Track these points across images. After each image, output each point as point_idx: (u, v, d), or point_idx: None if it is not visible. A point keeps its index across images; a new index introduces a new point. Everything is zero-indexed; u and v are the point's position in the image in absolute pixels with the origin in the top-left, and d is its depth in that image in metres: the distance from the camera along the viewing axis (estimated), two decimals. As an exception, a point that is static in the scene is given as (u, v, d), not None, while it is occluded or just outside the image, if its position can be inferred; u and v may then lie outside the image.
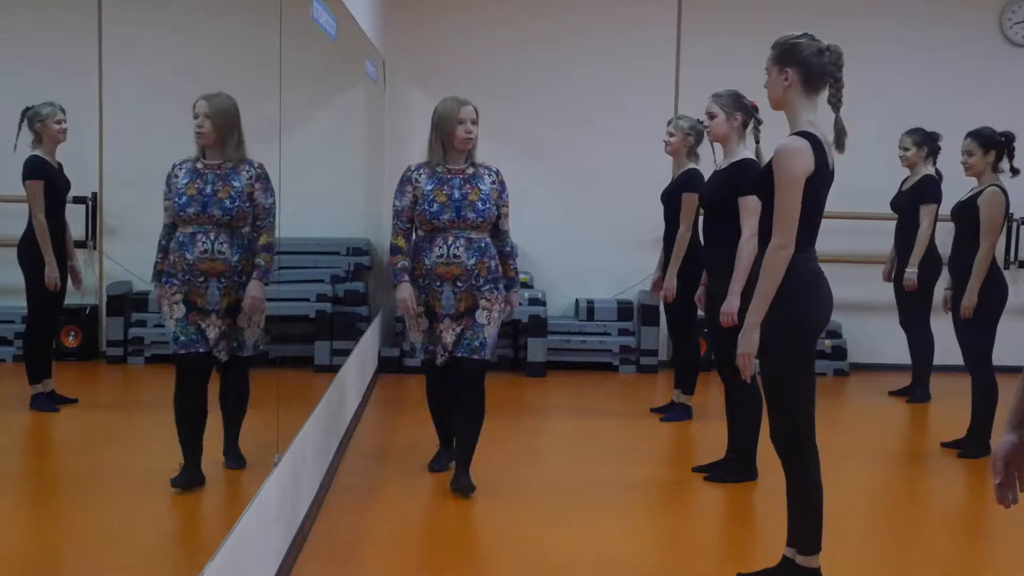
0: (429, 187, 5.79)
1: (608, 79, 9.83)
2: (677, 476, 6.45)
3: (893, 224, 8.66)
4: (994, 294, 6.77)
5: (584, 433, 7.51)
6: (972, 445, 6.94)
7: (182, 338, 4.88)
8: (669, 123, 7.67)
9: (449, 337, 5.87)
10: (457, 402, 6.07)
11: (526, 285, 9.49)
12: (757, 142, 6.20)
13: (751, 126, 6.20)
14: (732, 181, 6.07)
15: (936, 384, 8.58)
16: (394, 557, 4.98)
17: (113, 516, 5.42)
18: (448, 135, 5.81)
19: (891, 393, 8.82)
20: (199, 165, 4.87)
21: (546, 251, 9.94)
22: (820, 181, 4.31)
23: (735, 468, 6.25)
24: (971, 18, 9.98)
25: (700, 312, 6.99)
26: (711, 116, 6.21)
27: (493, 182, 5.93)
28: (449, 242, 5.76)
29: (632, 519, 5.68)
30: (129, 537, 5.03)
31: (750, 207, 5.88)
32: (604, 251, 9.88)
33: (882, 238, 8.96)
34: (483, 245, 5.83)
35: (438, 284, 5.79)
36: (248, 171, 4.85)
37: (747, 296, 5.79)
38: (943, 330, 7.83)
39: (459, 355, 5.87)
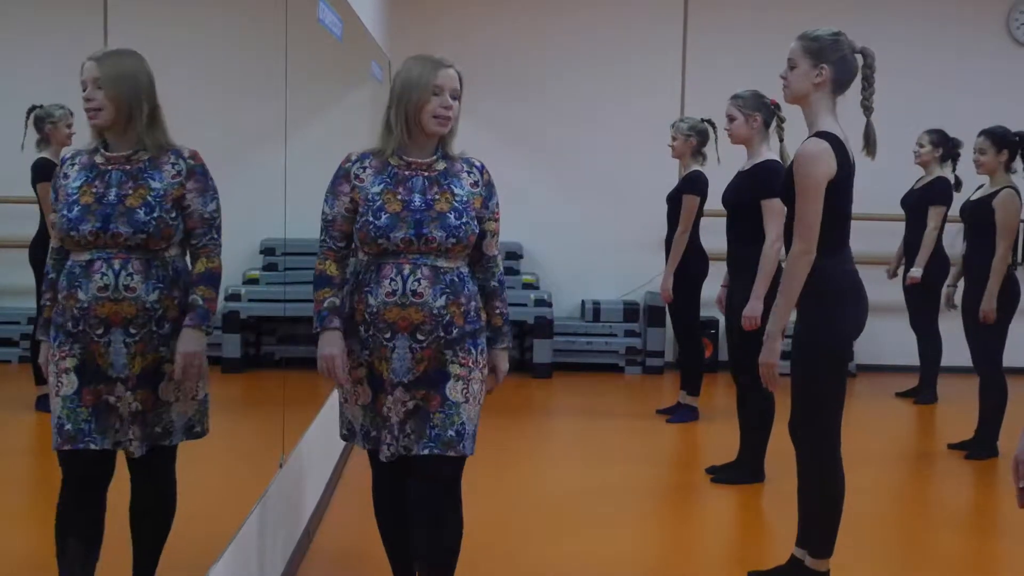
0: (376, 188, 3.80)
1: (614, 79, 9.82)
2: (685, 478, 6.44)
3: (898, 225, 8.65)
4: (1007, 295, 6.75)
5: (591, 435, 7.50)
6: (979, 446, 6.92)
7: (68, 426, 3.37)
8: (671, 127, 7.65)
9: (397, 416, 3.80)
10: (419, 519, 3.94)
11: (532, 286, 9.49)
12: (781, 141, 6.13)
13: (774, 125, 6.16)
14: (754, 183, 6.03)
15: (943, 385, 8.57)
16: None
17: (116, 516, 5.42)
18: (416, 110, 3.85)
19: (898, 394, 8.80)
20: (98, 159, 3.52)
21: (552, 252, 9.94)
22: (845, 182, 4.25)
23: (743, 470, 6.24)
24: (978, 18, 9.97)
25: (720, 313, 6.92)
26: (731, 119, 6.17)
27: (475, 183, 3.95)
28: (406, 273, 3.74)
29: (640, 522, 5.67)
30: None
31: (774, 210, 5.85)
32: (610, 252, 9.87)
33: (890, 239, 8.94)
34: (457, 279, 3.80)
35: (388, 336, 3.75)
36: (174, 164, 3.53)
37: (770, 301, 5.83)
38: (951, 331, 7.82)
39: (421, 452, 3.78)
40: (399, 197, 3.80)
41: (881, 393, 8.94)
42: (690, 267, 7.41)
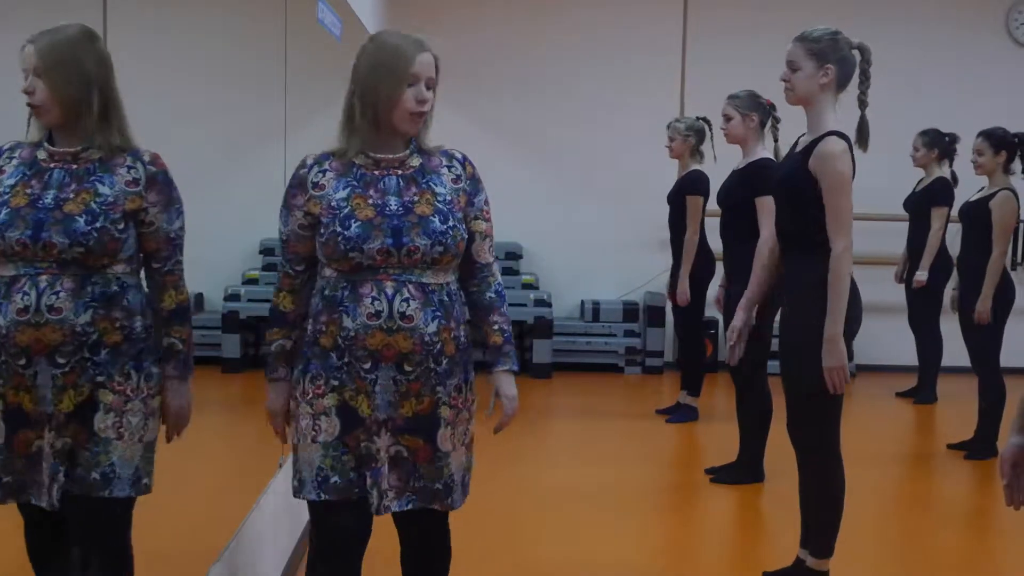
0: (341, 192, 3.14)
1: (614, 78, 9.82)
2: (684, 478, 6.43)
3: (897, 225, 8.65)
4: (1002, 296, 6.75)
5: (590, 435, 7.50)
6: (979, 446, 6.92)
7: None
8: (668, 128, 7.66)
9: (384, 459, 3.17)
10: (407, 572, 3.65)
11: (531, 286, 9.50)
12: (776, 141, 6.16)
13: (769, 125, 6.18)
14: (749, 181, 6.05)
15: (942, 385, 8.58)
16: (394, 555, 4.97)
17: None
18: (387, 105, 3.15)
19: (898, 394, 8.80)
20: (40, 155, 3.02)
21: (551, 252, 9.94)
22: (851, 182, 4.28)
23: (742, 470, 6.24)
24: (977, 18, 9.97)
25: (720, 313, 6.93)
26: (727, 118, 6.19)
27: (457, 178, 3.33)
28: (390, 293, 3.09)
29: (640, 522, 5.67)
30: (135, 536, 5.03)
31: (769, 208, 5.86)
32: (610, 252, 9.87)
33: (888, 239, 8.95)
34: (447, 298, 3.20)
35: (368, 367, 3.10)
36: (131, 169, 3.03)
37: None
38: (950, 331, 7.82)
39: (403, 507, 3.28)
40: (370, 201, 3.12)
41: (881, 393, 8.94)
42: (697, 268, 7.40)
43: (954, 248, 8.09)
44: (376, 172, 3.19)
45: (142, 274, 3.12)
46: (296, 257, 3.23)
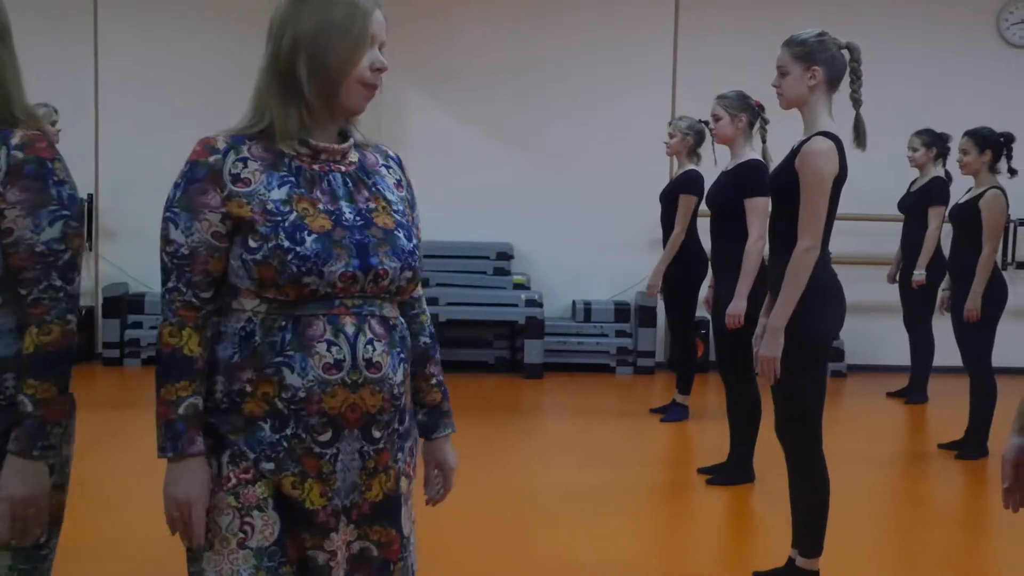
0: (277, 192, 2.34)
1: (606, 78, 9.82)
2: (675, 478, 6.44)
3: (891, 225, 8.67)
4: (994, 296, 6.76)
5: (582, 435, 7.50)
6: (970, 446, 6.93)
7: None
8: (669, 124, 7.68)
9: (341, 564, 2.44)
10: None
11: (522, 286, 9.50)
12: (764, 142, 6.18)
13: (757, 126, 6.19)
14: (738, 182, 6.06)
15: (933, 385, 8.59)
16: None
17: (113, 516, 5.41)
18: (340, 71, 2.40)
19: (889, 394, 8.81)
20: None
21: (543, 252, 9.94)
22: (840, 183, 4.28)
23: (734, 470, 6.24)
24: (968, 19, 9.99)
25: (709, 313, 6.93)
26: (716, 118, 6.21)
27: (399, 183, 2.64)
28: (350, 332, 2.34)
29: (631, 521, 5.67)
30: (132, 537, 5.02)
31: (757, 208, 5.89)
32: (601, 252, 9.87)
33: (881, 239, 8.97)
34: (405, 335, 2.52)
35: (327, 438, 2.34)
36: None
37: (753, 299, 5.84)
38: (942, 331, 7.84)
39: None
40: (321, 207, 2.36)
41: (872, 393, 8.94)
42: (691, 268, 7.40)
43: (945, 249, 8.10)
44: (316, 167, 2.41)
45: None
46: (203, 280, 2.32)
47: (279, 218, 2.30)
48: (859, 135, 4.36)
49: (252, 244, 2.29)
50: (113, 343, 9.36)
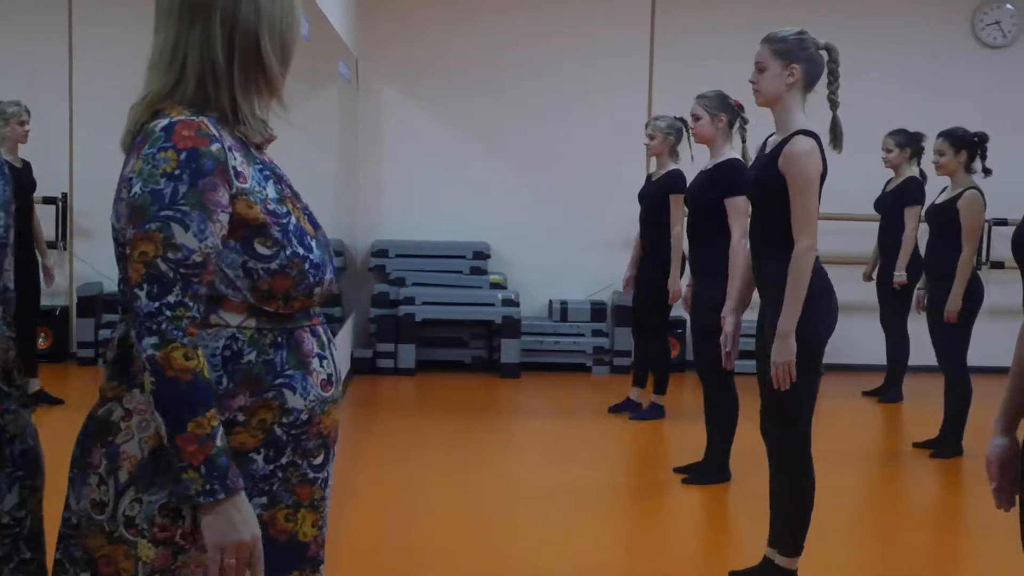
0: (270, 191, 2.13)
1: (583, 77, 9.82)
2: (652, 478, 6.45)
3: (866, 225, 8.69)
4: (971, 296, 6.77)
5: (559, 435, 7.50)
6: (944, 445, 6.95)
7: None
8: (647, 125, 7.67)
9: None
10: None
11: (499, 286, 9.49)
12: (744, 141, 6.19)
13: (737, 126, 6.20)
14: (718, 182, 6.06)
15: (907, 384, 8.61)
16: (368, 559, 4.96)
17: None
18: (292, 41, 2.21)
19: (865, 393, 8.83)
20: None
21: (519, 251, 9.93)
22: (822, 181, 4.29)
23: (710, 470, 6.24)
24: (943, 20, 10.03)
25: (685, 313, 6.92)
26: (696, 118, 6.21)
27: None
28: (326, 342, 2.22)
29: (608, 521, 5.67)
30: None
31: (738, 208, 5.90)
32: (578, 252, 9.87)
33: (855, 238, 8.99)
34: None
35: (319, 461, 2.19)
36: None
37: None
38: (916, 330, 7.87)
39: None
40: (300, 206, 2.21)
41: (846, 392, 8.96)
42: (667, 268, 7.39)
43: (923, 247, 8.12)
44: (265, 158, 2.21)
45: None
46: (205, 293, 2.03)
47: (284, 221, 2.10)
48: (836, 137, 4.37)
49: (264, 251, 2.06)
50: (88, 343, 9.31)
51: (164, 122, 2.04)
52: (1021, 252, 2.66)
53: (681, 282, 7.30)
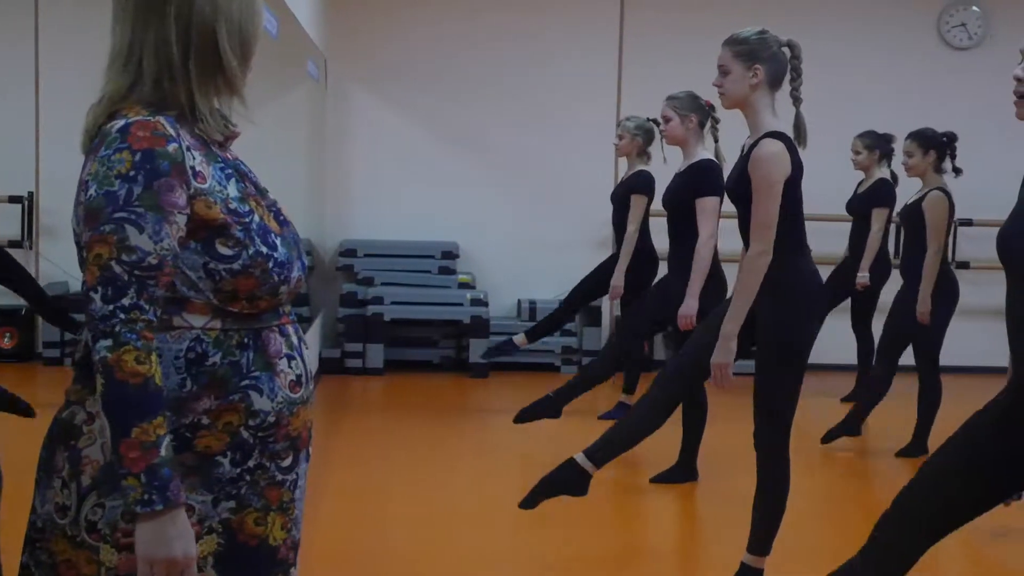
0: (232, 189, 2.11)
1: (552, 77, 9.83)
2: (621, 478, 6.44)
3: (837, 226, 8.71)
4: (945, 296, 6.79)
5: (527, 434, 7.50)
6: (912, 444, 6.98)
7: None
8: (618, 125, 7.68)
9: None
10: None
11: (468, 285, 9.49)
12: (716, 141, 6.19)
13: (708, 126, 6.20)
14: (691, 183, 6.06)
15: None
16: (337, 561, 4.94)
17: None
18: (253, 44, 2.17)
19: (844, 400, 8.75)
20: None
21: (488, 251, 9.93)
22: (798, 180, 4.28)
23: (681, 470, 6.25)
24: (910, 21, 10.09)
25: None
26: (666, 119, 6.21)
27: None
28: (295, 342, 2.20)
29: (577, 520, 5.67)
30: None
31: (707, 208, 5.91)
32: (547, 251, 9.88)
33: (827, 239, 9.01)
34: None
35: (288, 463, 2.18)
36: None
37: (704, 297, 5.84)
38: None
39: None
40: (265, 204, 2.19)
41: (815, 391, 8.90)
42: (643, 270, 7.40)
43: (894, 249, 8.16)
44: (228, 156, 2.18)
45: None
46: (162, 296, 2.00)
47: (247, 220, 2.08)
48: (800, 133, 4.38)
49: (225, 251, 2.04)
50: (53, 343, 9.25)
51: (120, 123, 2.02)
52: (1005, 252, 2.64)
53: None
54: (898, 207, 7.92)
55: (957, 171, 6.94)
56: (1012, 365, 2.66)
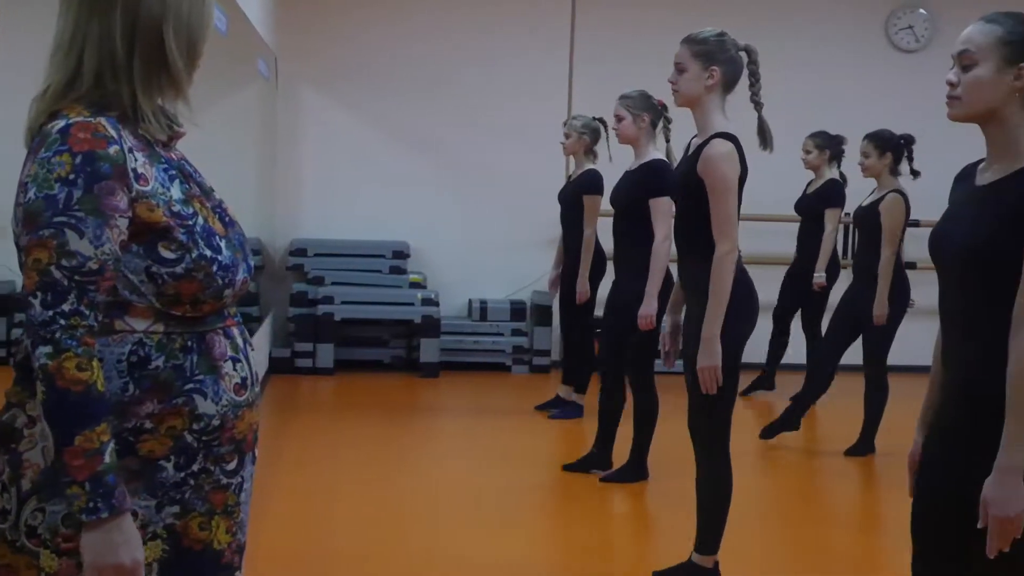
0: (176, 191, 2.06)
1: (502, 76, 9.82)
2: (571, 477, 6.45)
3: (784, 226, 8.76)
4: (897, 297, 6.83)
5: (478, 434, 7.50)
6: (859, 443, 7.03)
7: None
8: (564, 124, 7.69)
9: None
10: None
11: (418, 285, 9.47)
12: (668, 141, 6.21)
13: (660, 125, 6.21)
14: (642, 182, 6.07)
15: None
16: (285, 563, 4.92)
17: None
18: (201, 35, 2.13)
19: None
20: None
21: (439, 251, 9.91)
22: (743, 183, 4.31)
23: (630, 469, 6.26)
24: (859, 24, 10.16)
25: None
26: (619, 119, 6.20)
27: None
28: (241, 344, 2.17)
29: (528, 521, 5.68)
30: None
31: (662, 208, 5.92)
32: (498, 251, 9.87)
33: (774, 239, 9.06)
34: None
35: (232, 466, 2.14)
36: None
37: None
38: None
39: None
40: (209, 205, 2.14)
41: (761, 391, 9.03)
42: (591, 268, 7.41)
43: (841, 250, 8.21)
44: (172, 156, 2.14)
45: None
46: (103, 301, 1.97)
47: (190, 222, 2.03)
48: (764, 137, 4.40)
49: (168, 255, 2.00)
50: (-1, 342, 9.16)
51: (60, 123, 1.97)
52: (936, 252, 2.70)
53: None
54: (849, 208, 7.97)
55: (915, 173, 6.94)
56: (940, 358, 2.73)
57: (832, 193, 8.24)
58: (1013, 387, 2.46)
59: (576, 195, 7.43)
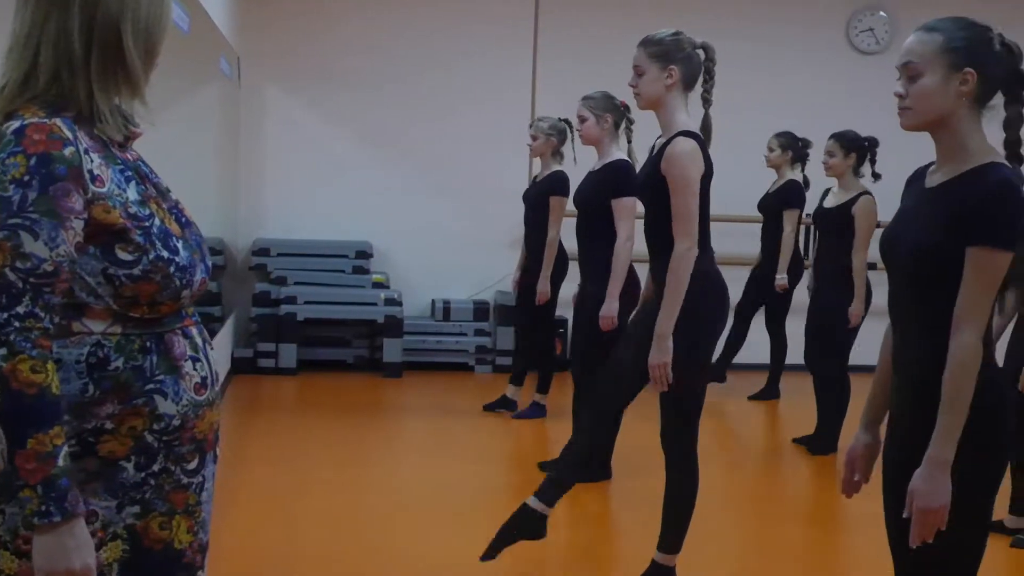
0: (132, 192, 2.07)
1: (465, 76, 9.82)
2: (533, 476, 6.46)
3: (750, 227, 8.80)
4: (865, 299, 6.86)
5: (441, 434, 7.50)
6: (821, 442, 7.07)
7: None
8: (531, 126, 7.70)
9: None
10: None
11: (381, 285, 9.46)
12: (630, 142, 6.23)
13: (623, 126, 6.23)
14: (606, 182, 6.08)
15: (785, 382, 8.72)
16: (246, 563, 4.91)
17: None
18: (159, 34, 2.15)
19: (751, 398, 8.83)
20: None
21: (402, 250, 9.90)
22: (708, 180, 4.33)
23: (593, 468, 6.27)
24: (819, 26, 10.22)
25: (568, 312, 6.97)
26: (582, 119, 6.21)
27: None
28: (200, 343, 2.19)
29: (489, 521, 5.67)
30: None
31: (625, 208, 5.94)
32: (461, 251, 9.87)
33: (740, 239, 9.10)
34: None
35: (193, 466, 2.16)
36: None
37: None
38: (793, 329, 8.01)
39: None
40: (165, 206, 2.16)
41: (724, 390, 9.07)
42: (554, 267, 7.41)
43: (805, 250, 8.25)
44: (128, 156, 2.14)
45: None
46: (59, 303, 1.96)
47: (147, 224, 2.04)
48: (707, 135, 4.43)
49: (125, 256, 2.00)
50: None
51: (15, 124, 1.96)
52: (888, 254, 2.74)
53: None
54: (808, 209, 8.01)
55: (876, 176, 6.99)
56: (890, 359, 2.78)
57: (791, 194, 8.29)
58: (949, 384, 2.51)
59: (543, 196, 7.43)
